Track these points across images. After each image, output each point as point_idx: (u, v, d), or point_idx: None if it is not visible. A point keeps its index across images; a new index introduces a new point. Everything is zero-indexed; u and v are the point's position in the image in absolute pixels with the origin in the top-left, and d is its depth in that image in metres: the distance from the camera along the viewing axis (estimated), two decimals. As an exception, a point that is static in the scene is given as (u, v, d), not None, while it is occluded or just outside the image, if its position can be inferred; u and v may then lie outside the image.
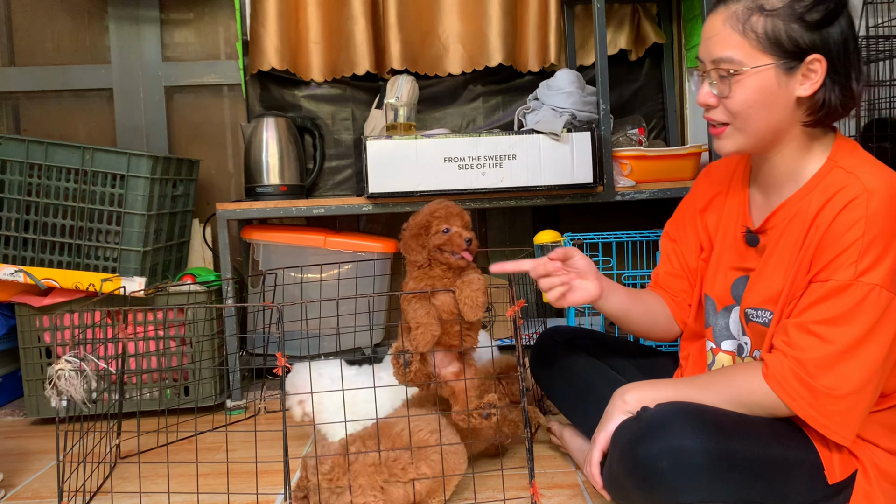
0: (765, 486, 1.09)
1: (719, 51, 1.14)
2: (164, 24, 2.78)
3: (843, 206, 1.09)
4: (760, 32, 1.10)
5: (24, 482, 1.73)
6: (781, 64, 1.11)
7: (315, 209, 2.28)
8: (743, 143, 1.18)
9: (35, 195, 2.09)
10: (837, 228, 1.09)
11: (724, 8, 1.14)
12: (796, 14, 1.09)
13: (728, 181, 1.36)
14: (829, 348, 1.07)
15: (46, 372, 1.43)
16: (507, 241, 2.86)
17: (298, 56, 2.60)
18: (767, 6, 1.10)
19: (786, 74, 1.12)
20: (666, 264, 1.47)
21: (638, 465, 1.08)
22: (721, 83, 1.15)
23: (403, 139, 2.16)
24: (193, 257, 2.56)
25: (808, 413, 1.09)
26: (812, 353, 1.08)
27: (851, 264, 1.07)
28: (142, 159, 2.07)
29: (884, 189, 1.08)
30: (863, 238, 1.06)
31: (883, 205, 1.07)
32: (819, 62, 1.10)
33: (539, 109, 2.31)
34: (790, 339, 1.11)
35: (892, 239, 1.07)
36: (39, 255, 2.11)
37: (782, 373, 1.10)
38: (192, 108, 2.81)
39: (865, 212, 1.07)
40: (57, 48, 2.78)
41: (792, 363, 1.10)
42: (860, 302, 1.06)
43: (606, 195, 2.24)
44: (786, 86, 1.12)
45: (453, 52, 2.65)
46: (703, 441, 1.06)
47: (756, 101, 1.13)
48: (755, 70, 1.12)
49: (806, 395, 1.09)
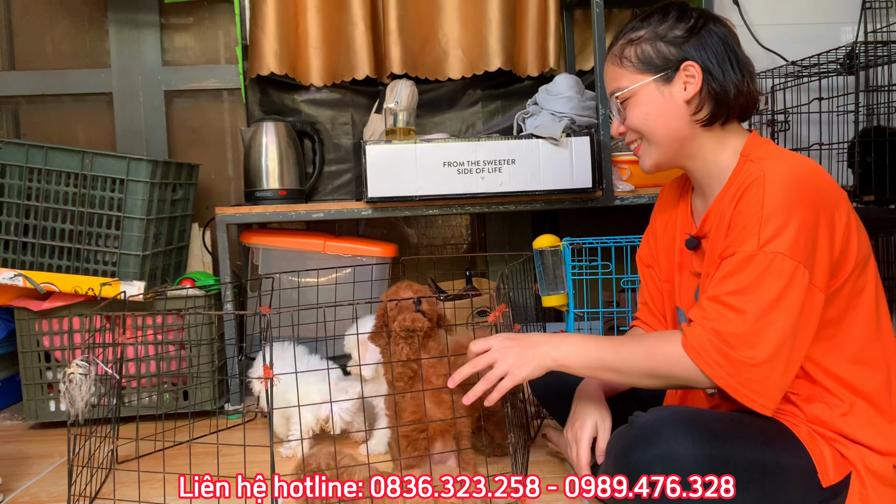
0: (758, 491, 1.09)
1: (611, 85, 1.34)
2: (164, 28, 2.79)
3: (744, 190, 1.18)
4: (633, 59, 1.29)
5: (23, 486, 1.73)
6: (658, 77, 1.27)
7: (314, 213, 2.28)
8: (657, 156, 1.32)
9: (34, 199, 2.10)
10: (739, 208, 1.18)
11: (609, 55, 1.34)
12: (659, 36, 1.27)
13: (678, 197, 1.45)
14: (744, 318, 1.11)
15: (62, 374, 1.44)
16: (506, 246, 2.86)
17: (298, 61, 2.60)
18: (634, 37, 1.29)
19: (665, 84, 1.27)
20: (646, 294, 1.53)
21: (632, 472, 1.09)
22: (621, 111, 1.32)
23: (403, 144, 2.16)
24: (193, 261, 2.56)
25: (728, 383, 1.11)
26: (728, 325, 1.12)
27: (754, 235, 1.13)
28: (141, 163, 2.08)
29: (782, 170, 1.17)
30: (762, 211, 1.13)
31: (780, 181, 1.15)
32: (693, 66, 1.25)
33: (538, 114, 2.32)
34: (706, 312, 1.15)
35: (791, 211, 1.12)
36: (39, 259, 2.12)
37: (702, 344, 1.13)
38: (191, 113, 2.82)
39: (763, 189, 1.15)
40: (57, 52, 2.78)
41: (710, 334, 1.13)
42: (765, 270, 1.11)
43: (605, 200, 2.24)
44: (669, 94, 1.27)
45: (453, 57, 2.65)
46: (696, 447, 1.07)
47: (648, 112, 1.28)
48: (638, 88, 1.28)
49: (725, 365, 1.11)
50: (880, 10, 2.48)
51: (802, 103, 2.46)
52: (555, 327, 2.59)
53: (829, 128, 2.42)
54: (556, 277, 2.10)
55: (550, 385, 1.64)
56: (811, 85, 2.51)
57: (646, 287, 1.53)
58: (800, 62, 2.41)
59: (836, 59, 2.37)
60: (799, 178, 1.15)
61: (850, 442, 1.16)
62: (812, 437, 1.16)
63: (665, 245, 1.47)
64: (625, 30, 1.33)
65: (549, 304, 2.11)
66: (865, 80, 2.37)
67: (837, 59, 2.37)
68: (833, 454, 1.15)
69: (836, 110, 2.44)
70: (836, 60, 2.38)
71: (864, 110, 2.37)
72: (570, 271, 2.08)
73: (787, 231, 1.11)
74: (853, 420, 1.17)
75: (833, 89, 2.51)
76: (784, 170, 1.16)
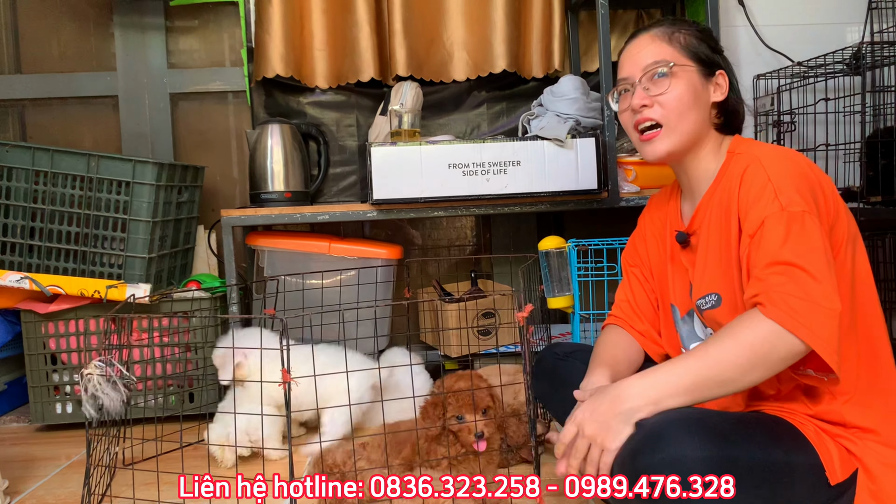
0: (768, 492, 1.08)
1: (653, 57, 1.31)
2: (170, 31, 2.79)
3: (743, 174, 1.21)
4: (683, 43, 1.32)
5: (30, 489, 1.73)
6: (701, 70, 1.31)
7: (320, 215, 2.28)
8: (673, 144, 1.31)
9: (41, 202, 2.10)
10: (746, 188, 1.19)
11: (647, 33, 1.35)
12: (702, 37, 1.33)
13: (667, 200, 1.48)
14: (809, 272, 1.08)
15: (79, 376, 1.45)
16: (511, 248, 2.86)
17: (303, 63, 2.60)
18: (681, 27, 1.34)
19: (704, 78, 1.32)
20: (629, 292, 1.52)
21: (639, 477, 1.08)
22: (657, 83, 1.30)
23: (408, 145, 2.16)
24: (198, 264, 2.56)
25: (818, 341, 1.06)
26: (799, 282, 1.08)
27: (773, 200, 1.14)
28: (147, 166, 2.08)
29: (772, 152, 1.22)
30: (770, 181, 1.16)
31: (774, 159, 1.20)
32: (723, 76, 1.33)
33: (543, 116, 2.31)
34: (768, 280, 1.10)
35: (794, 182, 1.15)
36: (45, 262, 2.12)
37: (786, 304, 1.07)
38: (197, 115, 2.82)
39: (763, 167, 1.19)
40: (63, 56, 2.79)
41: (787, 294, 1.07)
42: (802, 224, 1.11)
43: (611, 201, 2.24)
44: (705, 89, 1.32)
45: (458, 59, 2.65)
46: (703, 450, 1.04)
47: (688, 97, 1.29)
48: (684, 69, 1.30)
49: (814, 319, 1.06)
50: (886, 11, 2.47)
51: (808, 104, 2.46)
52: (560, 329, 2.58)
53: (836, 128, 2.42)
54: (562, 279, 2.10)
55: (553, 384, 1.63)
56: (817, 85, 2.51)
57: (629, 285, 1.53)
58: (806, 63, 2.41)
59: (843, 59, 2.36)
60: (790, 157, 1.20)
61: (857, 431, 1.16)
62: (819, 435, 1.15)
63: (655, 245, 1.49)
64: (663, 19, 1.37)
65: (555, 305, 2.11)
66: (872, 81, 2.35)
67: (844, 59, 2.36)
68: (840, 451, 1.14)
69: (842, 111, 2.44)
70: (843, 61, 2.37)
71: (871, 111, 2.36)
72: (575, 273, 2.08)
73: (800, 195, 1.13)
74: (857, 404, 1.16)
75: (839, 90, 2.51)
76: (773, 152, 1.22)
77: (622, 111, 1.37)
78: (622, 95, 1.37)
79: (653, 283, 1.50)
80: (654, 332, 1.48)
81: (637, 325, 1.48)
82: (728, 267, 1.24)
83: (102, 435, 1.59)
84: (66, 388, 2.15)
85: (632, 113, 1.34)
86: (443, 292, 2.56)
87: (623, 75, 1.36)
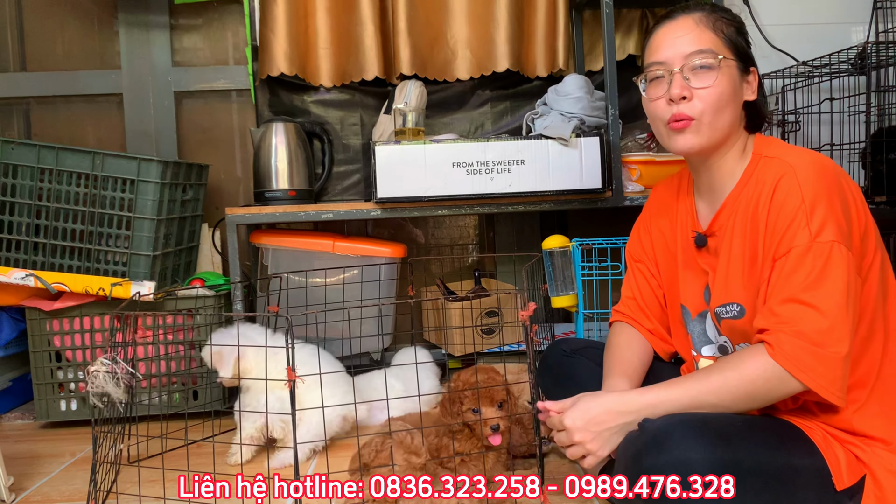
0: (771, 496, 1.08)
1: (697, 45, 1.22)
2: (174, 29, 2.80)
3: (776, 184, 1.16)
4: (726, 33, 1.23)
5: (35, 486, 1.74)
6: (739, 66, 1.25)
7: (324, 214, 2.28)
8: (704, 140, 1.24)
9: (45, 200, 2.11)
10: (778, 204, 1.15)
11: (688, 15, 1.25)
12: (740, 32, 1.26)
13: (675, 195, 1.43)
14: (823, 314, 1.09)
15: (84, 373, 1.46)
16: (515, 247, 2.86)
17: (307, 61, 2.61)
18: (725, 17, 1.26)
19: (741, 75, 1.25)
20: (635, 289, 1.51)
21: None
22: (700, 75, 1.22)
23: (412, 144, 2.17)
24: (203, 262, 2.57)
25: (821, 383, 1.09)
26: (810, 324, 1.09)
27: (804, 228, 1.11)
28: (151, 164, 2.08)
29: (806, 161, 1.17)
30: (803, 203, 1.12)
31: (809, 171, 1.14)
32: (754, 74, 1.27)
33: (547, 115, 2.31)
34: (781, 316, 1.12)
35: (829, 198, 1.12)
36: (50, 260, 2.12)
37: (792, 349, 1.09)
38: (201, 113, 2.82)
39: (797, 180, 1.14)
40: (67, 54, 2.79)
41: (795, 337, 1.10)
42: (827, 260, 1.10)
43: (615, 200, 2.24)
44: (741, 86, 1.25)
45: (462, 58, 2.65)
46: (707, 452, 1.04)
47: (728, 94, 1.22)
48: (727, 64, 1.22)
49: (818, 366, 1.08)
50: (891, 10, 2.47)
51: (813, 104, 2.45)
52: (564, 328, 2.58)
53: (840, 128, 2.41)
54: (566, 278, 2.10)
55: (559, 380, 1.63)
56: (822, 85, 2.51)
57: (634, 281, 1.51)
58: (810, 62, 2.40)
59: (847, 59, 2.36)
60: (824, 167, 1.16)
61: (866, 440, 1.15)
62: (826, 440, 1.15)
63: (663, 243, 1.46)
64: (701, 2, 1.29)
65: (559, 304, 2.11)
66: (877, 81, 2.35)
67: (848, 59, 2.36)
68: (847, 456, 1.14)
69: (847, 111, 2.43)
70: (847, 60, 2.37)
71: (876, 110, 2.35)
72: (579, 272, 2.08)
73: (832, 218, 1.11)
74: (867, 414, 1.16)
75: (844, 89, 2.50)
76: (807, 161, 1.16)
77: (654, 99, 1.26)
78: (654, 81, 1.26)
79: (659, 278, 1.48)
80: (662, 330, 1.48)
81: (645, 324, 1.48)
82: (752, 278, 1.22)
83: (108, 432, 1.60)
84: (70, 386, 2.15)
85: (668, 103, 1.24)
86: (446, 291, 2.56)
87: (658, 59, 1.25)
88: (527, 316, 1.41)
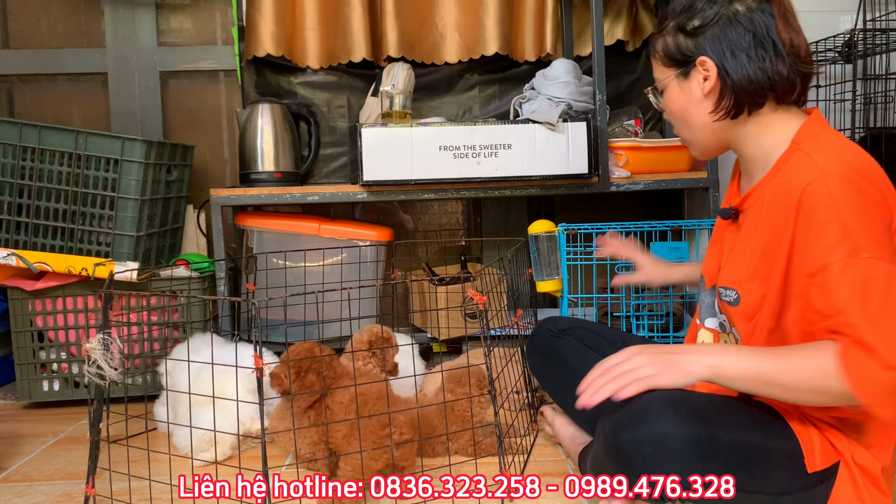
0: (745, 474, 1.10)
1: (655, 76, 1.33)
2: (160, 8, 2.76)
3: (803, 191, 1.09)
4: (661, 52, 1.28)
5: (15, 465, 1.73)
6: (679, 72, 1.26)
7: (310, 196, 2.27)
8: (697, 151, 1.32)
9: (28, 179, 2.09)
10: (807, 212, 1.08)
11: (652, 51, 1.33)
12: (679, 27, 1.24)
13: (736, 172, 1.40)
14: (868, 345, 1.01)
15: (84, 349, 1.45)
16: (501, 231, 2.86)
17: (294, 42, 2.58)
18: (662, 28, 1.28)
19: (685, 80, 1.25)
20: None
21: (620, 451, 1.09)
22: (662, 101, 1.33)
23: (399, 127, 2.16)
24: (187, 243, 2.55)
25: (882, 410, 1.03)
26: (861, 346, 1.01)
27: (840, 243, 1.04)
28: (136, 144, 2.07)
29: (841, 167, 1.08)
30: (839, 215, 1.05)
31: (845, 181, 1.07)
32: (707, 62, 1.21)
33: (535, 99, 2.31)
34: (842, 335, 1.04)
35: (869, 216, 1.06)
36: (32, 239, 2.11)
37: (864, 370, 1.01)
38: (187, 94, 2.80)
39: (829, 191, 1.06)
40: (51, 31, 2.76)
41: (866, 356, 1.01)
42: (868, 274, 1.02)
43: (601, 186, 2.24)
44: (689, 89, 1.25)
45: (450, 41, 2.64)
46: (685, 427, 1.06)
47: (676, 107, 1.29)
48: (666, 81, 1.28)
49: (879, 385, 1.01)
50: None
51: (800, 91, 2.45)
52: (548, 312, 2.59)
53: (827, 116, 2.42)
54: (551, 263, 2.10)
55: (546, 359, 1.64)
56: (809, 73, 2.50)
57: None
58: (798, 50, 2.40)
59: (835, 46, 2.37)
60: (859, 173, 1.09)
61: (843, 435, 1.16)
62: (803, 423, 1.16)
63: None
64: (662, 16, 1.31)
65: (544, 289, 2.11)
66: (864, 69, 2.36)
67: (836, 46, 2.37)
68: (822, 442, 1.15)
69: (833, 98, 2.44)
70: (835, 48, 2.37)
71: (862, 98, 2.36)
72: (564, 257, 2.08)
73: (870, 231, 1.05)
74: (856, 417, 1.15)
75: (831, 77, 2.51)
76: (839, 167, 1.09)
77: None
78: None
79: None
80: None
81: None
82: (757, 272, 1.18)
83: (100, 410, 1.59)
84: (52, 366, 2.14)
85: None
86: (432, 274, 2.56)
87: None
88: (482, 301, 1.41)
